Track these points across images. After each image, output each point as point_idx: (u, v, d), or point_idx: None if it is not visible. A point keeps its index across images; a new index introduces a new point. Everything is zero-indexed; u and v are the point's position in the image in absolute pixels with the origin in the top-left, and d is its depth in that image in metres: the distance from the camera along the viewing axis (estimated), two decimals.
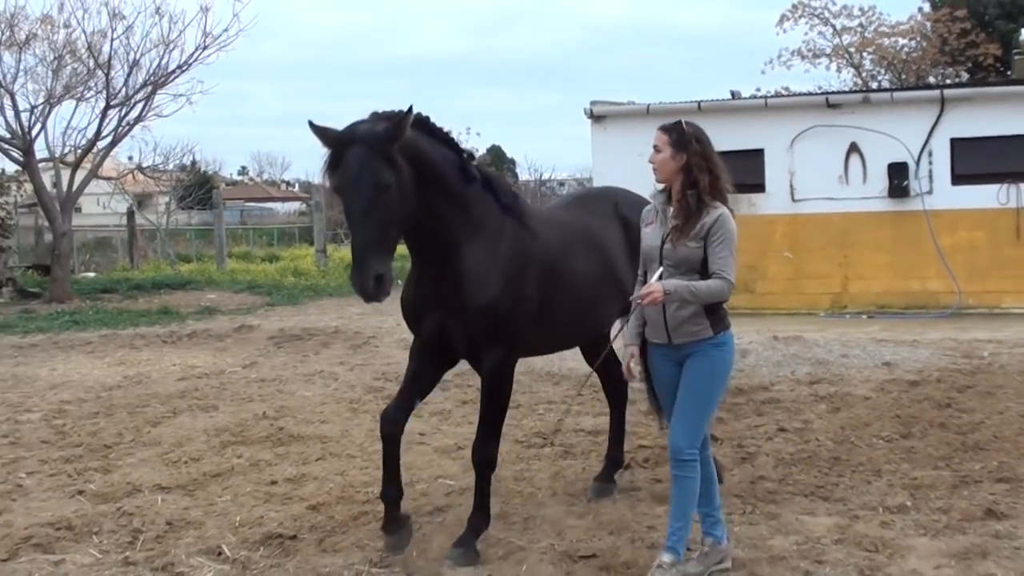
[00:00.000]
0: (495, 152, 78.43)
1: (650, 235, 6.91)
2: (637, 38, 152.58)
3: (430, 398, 10.53)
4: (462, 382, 13.86)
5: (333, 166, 6.84)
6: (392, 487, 7.66)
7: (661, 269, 6.71)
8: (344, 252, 44.81)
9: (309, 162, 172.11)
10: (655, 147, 6.72)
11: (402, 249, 7.45)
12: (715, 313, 6.80)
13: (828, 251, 23.05)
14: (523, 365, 12.81)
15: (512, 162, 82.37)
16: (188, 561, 7.76)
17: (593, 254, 8.24)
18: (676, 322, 6.74)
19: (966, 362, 15.24)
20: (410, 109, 6.93)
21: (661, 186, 6.93)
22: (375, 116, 7.00)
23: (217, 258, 41.92)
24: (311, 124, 6.96)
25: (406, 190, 6.87)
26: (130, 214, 43.31)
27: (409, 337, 8.18)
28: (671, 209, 6.81)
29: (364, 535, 8.23)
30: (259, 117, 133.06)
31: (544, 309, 7.68)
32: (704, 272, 6.69)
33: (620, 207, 8.89)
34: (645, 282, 6.82)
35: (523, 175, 75.95)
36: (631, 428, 10.29)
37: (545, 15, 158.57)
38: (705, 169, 6.66)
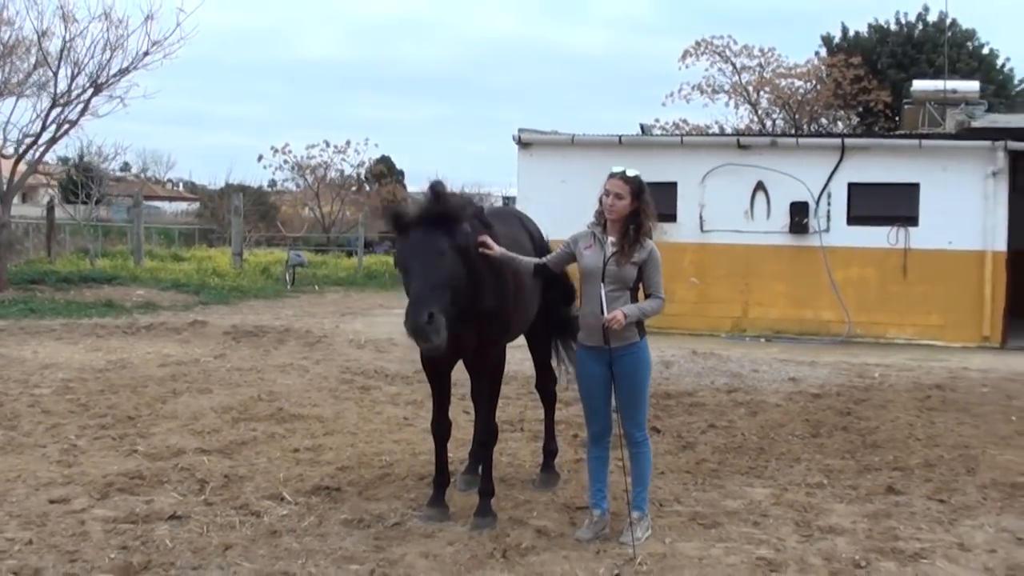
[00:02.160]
0: (386, 163, 79.50)
1: (591, 256, 8.75)
2: (526, 56, 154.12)
3: (411, 395, 12.70)
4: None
5: (401, 238, 8.49)
6: (442, 475, 9.51)
7: (610, 289, 8.58)
8: (258, 256, 46.48)
9: (194, 162, 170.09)
10: (617, 195, 8.61)
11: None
12: (641, 323, 8.77)
13: (731, 279, 25.25)
14: None
15: (401, 173, 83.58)
16: (258, 503, 9.63)
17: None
18: (614, 331, 8.55)
19: (860, 380, 17.63)
20: (480, 209, 8.81)
21: (594, 219, 8.85)
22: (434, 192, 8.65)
23: (135, 255, 43.11)
24: (385, 207, 8.78)
25: (458, 256, 8.48)
26: (50, 208, 44.38)
27: (355, 338, 9.88)
28: (610, 237, 8.71)
29: (395, 489, 10.21)
30: (141, 113, 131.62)
31: (511, 306, 9.43)
32: (632, 288, 8.67)
33: (524, 221, 10.80)
34: (587, 293, 8.73)
35: (414, 187, 77.20)
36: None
37: (433, 28, 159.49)
38: (649, 215, 8.70)
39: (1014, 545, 8.81)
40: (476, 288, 8.76)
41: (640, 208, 8.60)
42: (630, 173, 8.62)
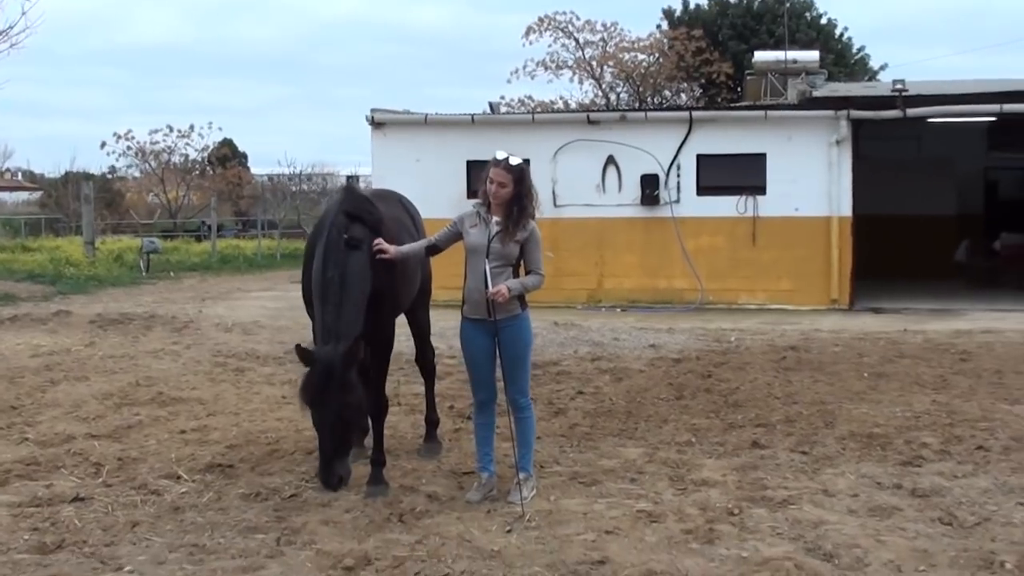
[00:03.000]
0: (230, 146, 79.05)
1: (476, 234, 9.29)
2: (367, 35, 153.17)
3: (286, 375, 13.36)
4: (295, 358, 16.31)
5: (305, 384, 8.92)
6: None
7: (495, 265, 9.13)
8: (109, 244, 46.17)
9: (32, 150, 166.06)
10: (500, 183, 9.13)
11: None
12: (522, 296, 9.36)
13: (585, 252, 25.97)
14: None
15: (244, 156, 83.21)
16: (156, 483, 9.96)
17: (408, 238, 10.36)
18: (498, 303, 9.15)
19: (717, 345, 18.48)
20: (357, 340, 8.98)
21: (478, 200, 9.42)
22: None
23: None
24: (297, 348, 9.10)
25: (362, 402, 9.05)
26: None
27: (221, 322, 10.11)
28: (494, 217, 9.27)
29: (285, 464, 10.62)
30: None
31: (400, 285, 10.10)
32: (514, 265, 9.26)
33: (403, 203, 11.37)
34: (472, 270, 9.25)
35: (257, 168, 77.00)
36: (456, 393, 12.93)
37: (271, 7, 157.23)
38: (530, 198, 9.28)
39: (874, 489, 9.55)
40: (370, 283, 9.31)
41: (522, 192, 9.13)
42: (513, 162, 9.11)
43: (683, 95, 54.22)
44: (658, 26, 55.44)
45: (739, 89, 45.44)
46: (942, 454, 10.78)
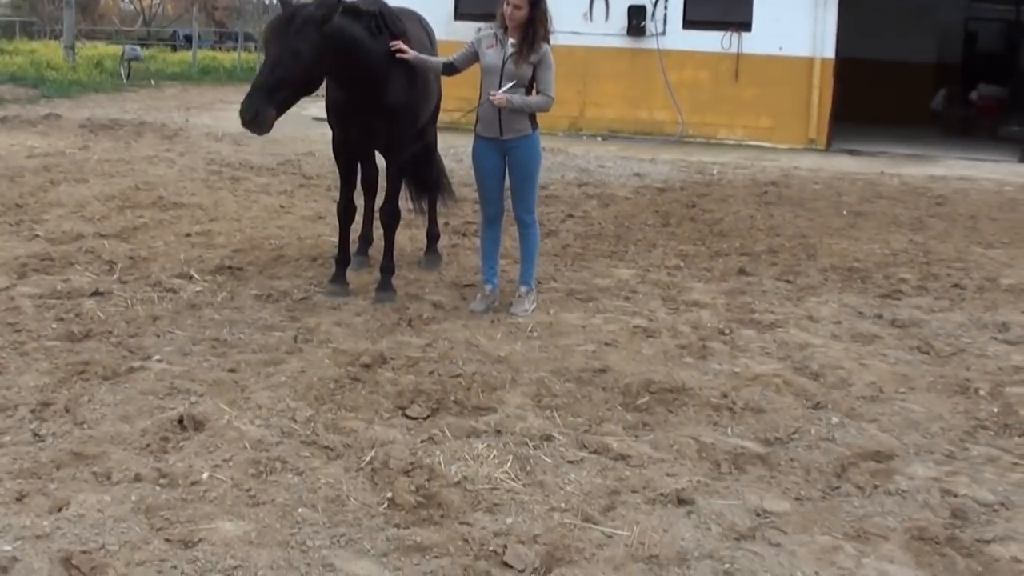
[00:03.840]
0: None
1: (492, 56, 9.63)
2: None
3: (281, 186, 13.73)
4: (289, 170, 16.79)
5: (271, 25, 9.21)
6: (344, 255, 10.44)
7: (509, 85, 9.55)
8: (89, 49, 46.05)
9: None
10: (516, 6, 9.41)
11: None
12: (533, 117, 9.76)
13: (569, 79, 25.89)
14: None
15: None
16: (170, 281, 10.38)
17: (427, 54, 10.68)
18: (508, 122, 9.60)
19: (700, 176, 18.93)
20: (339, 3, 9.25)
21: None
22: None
23: None
24: None
25: (313, 66, 9.14)
26: None
27: (211, 131, 10.40)
28: (510, 40, 9.58)
29: (292, 269, 11.07)
30: None
31: (422, 100, 10.43)
32: (527, 86, 9.58)
33: (423, 22, 11.53)
34: (487, 89, 9.60)
35: None
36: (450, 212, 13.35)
37: None
38: (544, 22, 9.55)
39: (856, 318, 10.11)
40: (384, 85, 9.64)
41: (536, 16, 9.41)
42: None
43: None
44: None
45: None
46: (919, 290, 11.32)
